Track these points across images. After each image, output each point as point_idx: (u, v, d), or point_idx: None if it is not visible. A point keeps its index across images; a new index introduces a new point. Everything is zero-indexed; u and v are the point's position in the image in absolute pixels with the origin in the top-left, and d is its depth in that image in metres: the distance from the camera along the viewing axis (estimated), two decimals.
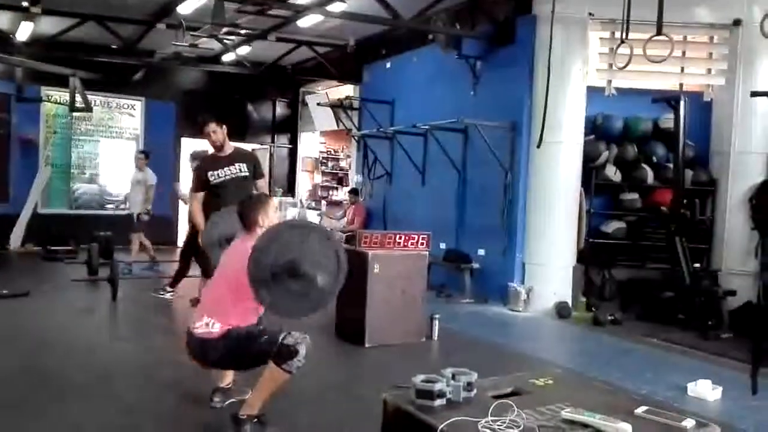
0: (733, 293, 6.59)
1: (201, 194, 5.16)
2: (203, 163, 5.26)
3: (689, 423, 2.16)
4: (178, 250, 11.60)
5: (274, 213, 3.43)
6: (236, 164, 5.14)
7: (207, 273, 4.87)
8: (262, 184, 5.37)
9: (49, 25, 9.52)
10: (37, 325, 5.81)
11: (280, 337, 3.12)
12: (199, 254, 6.80)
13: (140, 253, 8.97)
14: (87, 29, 9.46)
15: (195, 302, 5.27)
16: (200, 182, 5.15)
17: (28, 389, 3.97)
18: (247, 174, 5.17)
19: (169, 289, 6.91)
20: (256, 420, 3.23)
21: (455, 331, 6.06)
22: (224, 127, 5.22)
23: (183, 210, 9.81)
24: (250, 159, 5.36)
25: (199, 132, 5.29)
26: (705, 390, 4.39)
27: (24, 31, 9.50)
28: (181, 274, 6.93)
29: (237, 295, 3.18)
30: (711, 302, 6.50)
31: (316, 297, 3.09)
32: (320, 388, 4.29)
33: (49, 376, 4.28)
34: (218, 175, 5.09)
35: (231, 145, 5.29)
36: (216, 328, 3.22)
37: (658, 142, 7.74)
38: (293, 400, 3.96)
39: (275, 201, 3.51)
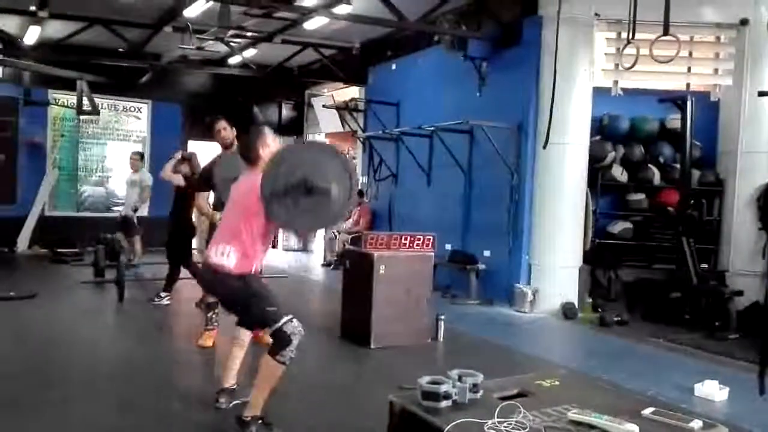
0: (740, 293, 6.56)
1: (206, 193, 5.20)
2: (211, 165, 5.27)
3: (696, 424, 2.15)
4: None
5: (273, 141, 3.40)
6: None
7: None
8: None
9: (57, 29, 9.59)
10: (43, 326, 5.84)
11: (284, 320, 3.13)
12: (186, 257, 6.83)
13: (134, 253, 8.84)
14: (94, 33, 9.52)
15: (200, 304, 5.28)
16: (207, 182, 5.16)
17: (33, 389, 3.99)
18: None
19: (163, 294, 6.86)
20: (261, 421, 3.24)
21: (461, 332, 6.05)
22: (233, 127, 5.26)
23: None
24: None
25: (208, 130, 5.31)
26: (712, 390, 4.36)
27: (31, 35, 9.57)
28: (172, 277, 6.89)
29: (251, 218, 3.19)
30: (718, 303, 6.47)
31: (328, 210, 3.08)
32: (326, 389, 4.29)
33: (55, 377, 4.30)
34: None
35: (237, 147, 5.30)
36: (232, 260, 3.20)
37: (664, 143, 7.72)
38: (298, 401, 3.97)
39: (268, 131, 3.47)
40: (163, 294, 6.87)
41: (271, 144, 3.38)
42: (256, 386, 3.23)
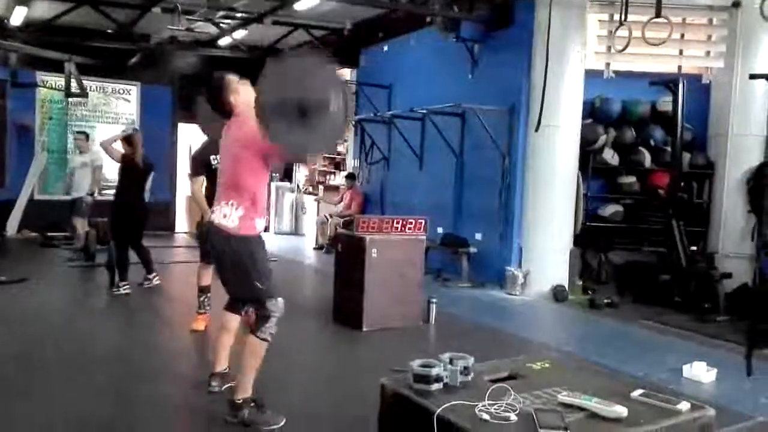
0: (729, 276, 6.62)
1: (201, 178, 5.15)
2: (202, 148, 5.23)
3: (684, 406, 2.18)
4: (176, 236, 11.69)
5: (239, 85, 3.33)
6: None
7: (206, 257, 4.87)
8: None
9: (44, 10, 9.44)
10: (34, 311, 5.81)
11: (269, 300, 3.15)
12: (133, 240, 6.65)
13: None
14: (82, 13, 9.38)
15: (199, 287, 5.26)
16: (201, 166, 5.14)
17: (23, 374, 3.99)
18: None
19: (149, 276, 6.78)
20: (253, 404, 3.25)
21: (452, 315, 6.08)
22: None
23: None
24: None
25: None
26: (700, 372, 4.41)
27: (18, 16, 9.41)
28: (145, 258, 6.77)
29: (247, 175, 3.16)
30: (707, 285, 6.53)
31: (328, 127, 2.90)
32: (318, 372, 4.31)
33: (46, 361, 4.29)
34: (220, 159, 5.06)
35: None
36: (235, 220, 3.18)
37: (656, 125, 7.73)
38: (291, 384, 3.99)
39: (231, 76, 3.39)
40: (149, 276, 6.79)
41: (240, 89, 3.30)
42: (242, 367, 3.24)
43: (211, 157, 5.06)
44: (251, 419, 3.21)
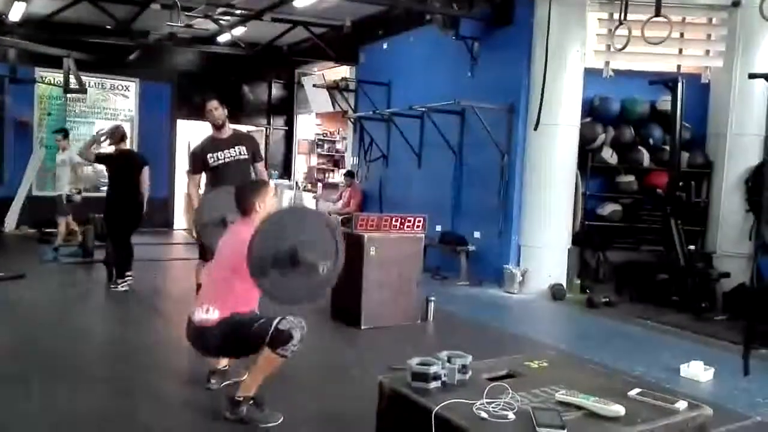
0: (727, 275, 6.63)
1: (198, 176, 5.16)
2: (202, 145, 5.24)
3: (682, 405, 2.18)
4: (174, 233, 11.67)
5: (271, 199, 3.42)
6: (236, 147, 5.11)
7: (204, 255, 4.87)
8: (261, 167, 5.34)
9: (43, 5, 9.41)
10: (32, 307, 5.81)
11: (275, 323, 3.12)
12: (126, 234, 6.62)
13: (68, 237, 8.73)
14: (81, 9, 9.34)
15: (198, 284, 5.26)
16: (199, 164, 5.13)
17: (23, 369, 3.99)
18: (247, 157, 5.14)
19: (119, 281, 6.50)
20: (252, 402, 3.26)
21: (450, 313, 6.08)
22: (225, 107, 5.20)
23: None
24: (250, 142, 5.33)
25: (201, 110, 5.25)
26: (697, 371, 4.43)
27: (17, 11, 9.37)
28: (124, 258, 6.59)
29: (237, 278, 3.16)
30: (705, 284, 6.55)
31: (316, 284, 3.10)
32: (316, 370, 4.31)
33: (44, 358, 4.28)
34: (218, 157, 5.05)
35: (230, 128, 5.26)
36: (215, 315, 3.23)
37: (655, 124, 7.73)
38: (289, 382, 3.98)
39: (272, 184, 3.49)
40: (127, 274, 6.55)
41: (268, 202, 3.37)
42: (252, 371, 3.26)
43: (209, 155, 5.07)
44: (249, 417, 3.23)
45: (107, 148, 6.77)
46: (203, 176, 5.20)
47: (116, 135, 6.67)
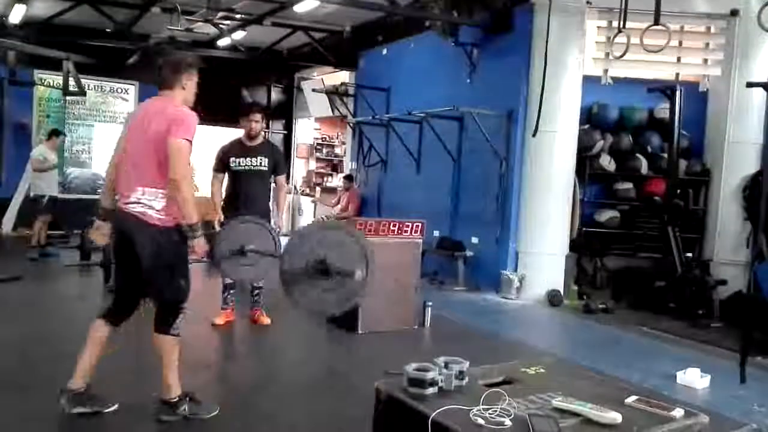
0: (724, 283, 6.64)
1: (221, 175, 5.27)
2: (228, 147, 5.31)
3: (678, 412, 2.19)
4: None
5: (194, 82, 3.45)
6: (258, 157, 5.21)
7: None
8: (282, 180, 5.41)
9: (43, 8, 9.43)
10: (29, 309, 5.80)
11: (181, 299, 3.13)
12: None
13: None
14: (81, 12, 9.37)
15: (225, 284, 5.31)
16: (220, 164, 5.25)
17: (21, 371, 3.97)
18: (266, 169, 5.23)
19: None
20: (189, 399, 3.26)
21: (448, 319, 6.08)
22: (264, 119, 5.39)
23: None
24: (275, 154, 5.40)
25: (243, 114, 5.30)
26: (694, 378, 4.43)
27: (17, 14, 9.40)
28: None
29: (162, 159, 2.98)
30: (702, 292, 6.55)
31: (347, 292, 3.13)
32: (313, 374, 4.31)
33: (40, 361, 4.26)
34: (239, 163, 5.18)
35: (262, 138, 5.37)
36: (156, 206, 3.01)
37: (653, 132, 7.75)
38: (286, 386, 3.98)
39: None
40: None
41: (193, 82, 3.42)
42: (164, 367, 3.21)
43: (231, 158, 5.13)
44: (192, 412, 3.24)
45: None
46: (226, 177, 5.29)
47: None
